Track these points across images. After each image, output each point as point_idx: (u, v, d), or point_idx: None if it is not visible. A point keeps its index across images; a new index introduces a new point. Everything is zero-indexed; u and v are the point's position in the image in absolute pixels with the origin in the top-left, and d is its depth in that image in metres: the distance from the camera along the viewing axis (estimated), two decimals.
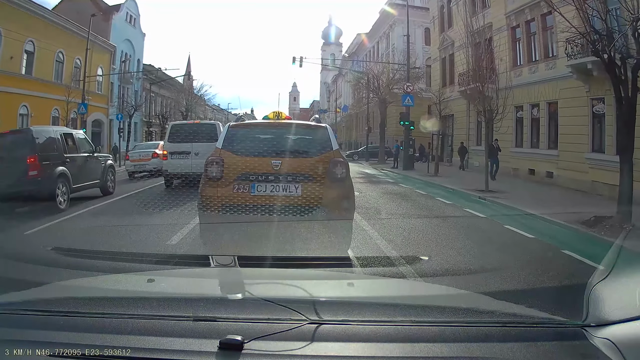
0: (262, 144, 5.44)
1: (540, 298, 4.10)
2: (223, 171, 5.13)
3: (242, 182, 5.08)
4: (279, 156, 5.21)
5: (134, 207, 9.79)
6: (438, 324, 1.46)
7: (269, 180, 5.09)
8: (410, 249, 6.34)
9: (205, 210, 5.20)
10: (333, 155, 5.38)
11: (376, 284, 2.62)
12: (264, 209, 4.98)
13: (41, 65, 25.88)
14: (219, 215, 5.04)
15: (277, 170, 5.10)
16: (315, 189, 5.08)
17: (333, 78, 74.38)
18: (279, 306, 1.51)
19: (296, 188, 5.09)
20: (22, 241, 6.33)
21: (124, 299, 1.73)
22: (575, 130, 15.74)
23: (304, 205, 5.02)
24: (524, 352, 1.30)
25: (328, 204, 5.09)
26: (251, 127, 6.24)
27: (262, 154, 5.23)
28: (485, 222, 9.42)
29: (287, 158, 5.25)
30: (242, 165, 5.11)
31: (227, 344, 1.27)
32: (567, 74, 15.51)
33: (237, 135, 5.66)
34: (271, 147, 5.33)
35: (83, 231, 6.98)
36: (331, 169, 5.22)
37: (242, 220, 5.00)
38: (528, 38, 19.36)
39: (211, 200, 5.12)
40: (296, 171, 5.14)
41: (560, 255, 6.46)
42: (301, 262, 3.73)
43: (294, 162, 5.22)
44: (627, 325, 1.29)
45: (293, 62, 32.60)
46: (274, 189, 5.11)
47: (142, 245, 6.19)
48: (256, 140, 5.62)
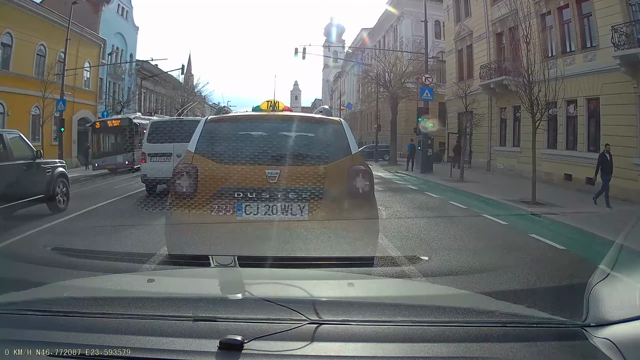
0: (252, 146, 4.01)
1: (540, 298, 4.10)
2: (197, 185, 3.78)
3: (223, 200, 3.73)
4: (277, 163, 3.82)
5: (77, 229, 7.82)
6: (438, 324, 1.46)
7: (262, 199, 3.74)
8: None
9: (174, 238, 4.04)
10: (353, 162, 3.98)
11: (376, 284, 2.62)
12: (255, 239, 3.74)
13: (20, 60, 23.46)
14: (191, 244, 3.80)
15: (274, 184, 3.74)
16: (328, 211, 3.78)
17: (335, 75, 73.26)
18: (279, 306, 1.51)
19: (301, 209, 3.76)
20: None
21: (124, 299, 1.73)
22: (621, 130, 13.59)
23: (312, 233, 3.76)
24: (524, 352, 1.30)
25: (347, 229, 3.77)
26: (237, 122, 4.57)
27: (253, 161, 3.80)
28: (578, 262, 6.49)
29: (288, 166, 3.84)
30: (223, 177, 3.76)
31: (227, 344, 1.27)
32: (611, 67, 13.63)
33: (218, 134, 4.16)
34: (265, 151, 3.93)
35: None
36: (351, 181, 3.86)
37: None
38: (561, 27, 17.36)
39: (180, 226, 3.85)
40: (301, 185, 3.74)
41: None
42: (303, 262, 3.66)
43: (297, 172, 3.79)
44: (627, 325, 1.29)
45: (295, 53, 29.63)
46: (270, 211, 3.75)
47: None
48: (244, 140, 4.16)
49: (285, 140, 4.23)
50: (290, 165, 3.86)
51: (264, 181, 3.74)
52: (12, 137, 8.77)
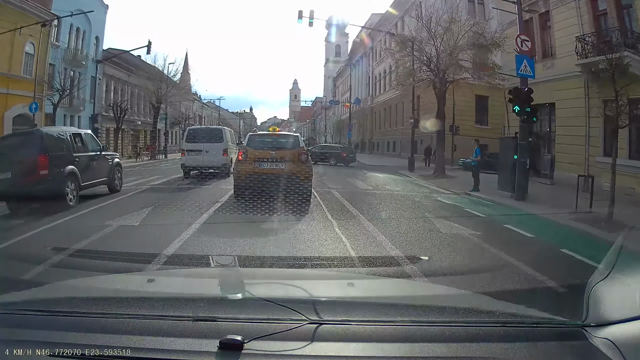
0: (265, 143, 10.79)
1: (540, 298, 4.10)
2: (247, 156, 10.20)
3: (255, 161, 10.04)
4: (274, 149, 10.32)
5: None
6: (438, 324, 1.46)
7: (268, 161, 10.03)
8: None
9: (237, 176, 10.27)
10: (301, 150, 10.58)
11: (376, 284, 2.62)
12: (266, 174, 9.78)
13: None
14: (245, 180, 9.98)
15: (273, 156, 10.09)
16: (291, 166, 9.95)
17: (339, 70, 69.91)
18: (279, 306, 1.51)
19: (282, 165, 9.97)
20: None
21: (124, 299, 1.74)
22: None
23: (285, 174, 9.75)
24: (524, 352, 1.30)
25: (298, 174, 9.86)
26: (260, 135, 12.99)
27: (265, 148, 10.41)
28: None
29: (278, 150, 10.29)
30: (255, 154, 10.20)
31: (227, 344, 1.27)
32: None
33: (253, 139, 11.25)
34: (269, 145, 10.65)
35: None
36: (299, 156, 10.25)
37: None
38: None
39: (240, 171, 10.16)
40: (282, 157, 10.07)
41: None
42: (301, 261, 3.73)
43: (281, 152, 10.21)
44: (627, 325, 1.29)
45: (299, 18, 24.11)
46: (271, 165, 10.00)
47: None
48: (262, 142, 11.01)
49: (277, 141, 11.05)
50: (278, 150, 10.34)
51: (269, 155, 10.13)
52: (86, 134, 11.81)
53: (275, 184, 9.43)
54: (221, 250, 5.51)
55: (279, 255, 5.37)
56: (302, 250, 5.68)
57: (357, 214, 8.84)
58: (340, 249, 5.84)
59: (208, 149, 15.97)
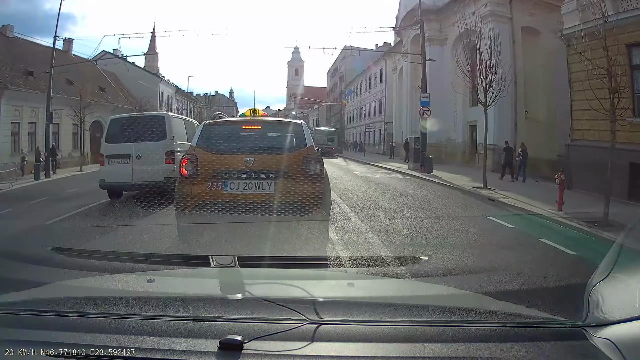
0: (235, 141, 5.47)
1: (540, 298, 4.09)
2: (198, 168, 5.15)
3: (214, 179, 5.06)
4: (253, 153, 5.21)
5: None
6: (438, 324, 1.46)
7: (241, 177, 5.05)
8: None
9: (182, 209, 5.21)
10: (307, 152, 5.36)
11: (376, 284, 2.62)
12: (236, 207, 4.89)
13: None
14: (196, 214, 5.01)
15: (251, 167, 5.07)
16: (290, 187, 4.97)
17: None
18: (279, 306, 1.51)
19: (269, 185, 5.05)
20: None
21: (124, 299, 1.74)
22: None
23: (277, 203, 4.91)
24: (524, 352, 1.30)
25: (303, 201, 4.89)
26: (225, 123, 6.24)
27: (235, 151, 5.25)
28: None
29: (260, 154, 5.21)
30: (215, 163, 5.09)
31: (227, 344, 1.27)
32: None
33: (211, 133, 5.61)
34: (245, 144, 5.40)
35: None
36: (304, 165, 5.19)
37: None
38: None
39: (187, 198, 5.12)
40: (269, 168, 5.10)
41: None
42: (301, 262, 3.73)
43: (267, 159, 5.20)
44: (627, 325, 1.29)
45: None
46: (247, 187, 5.05)
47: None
48: (229, 137, 5.55)
49: (259, 137, 5.79)
50: (262, 154, 5.35)
51: (243, 164, 5.15)
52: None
53: (258, 233, 4.94)
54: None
55: (279, 255, 5.36)
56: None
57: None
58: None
59: (140, 153, 9.87)
